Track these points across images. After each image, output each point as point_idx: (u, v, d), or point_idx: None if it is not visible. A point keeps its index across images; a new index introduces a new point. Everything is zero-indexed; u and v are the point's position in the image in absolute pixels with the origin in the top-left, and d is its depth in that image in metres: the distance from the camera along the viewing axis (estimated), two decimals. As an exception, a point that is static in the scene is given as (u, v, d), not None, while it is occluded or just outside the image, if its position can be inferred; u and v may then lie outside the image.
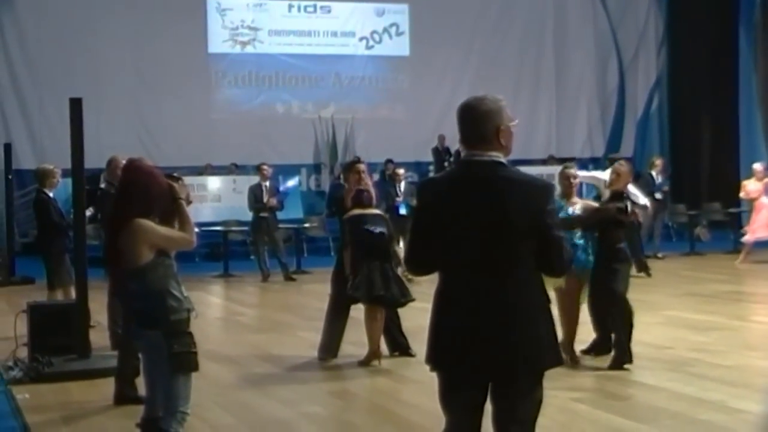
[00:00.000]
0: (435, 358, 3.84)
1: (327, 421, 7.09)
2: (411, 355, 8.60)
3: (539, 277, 3.80)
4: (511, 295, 3.71)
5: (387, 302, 8.49)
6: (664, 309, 11.21)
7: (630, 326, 8.11)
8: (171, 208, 5.17)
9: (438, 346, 3.83)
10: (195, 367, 5.06)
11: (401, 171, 17.17)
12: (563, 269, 3.86)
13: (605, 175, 15.44)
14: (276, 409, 7.30)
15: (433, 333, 3.85)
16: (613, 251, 8.16)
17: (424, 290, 5.54)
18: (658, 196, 17.62)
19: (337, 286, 8.81)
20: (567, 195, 8.61)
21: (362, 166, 9.09)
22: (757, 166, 16.49)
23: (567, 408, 6.99)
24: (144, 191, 5.01)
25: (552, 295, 5.10)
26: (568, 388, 7.48)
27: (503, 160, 3.81)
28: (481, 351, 3.70)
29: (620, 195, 8.51)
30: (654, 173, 17.82)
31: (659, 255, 17.38)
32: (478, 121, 3.82)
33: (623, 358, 8.02)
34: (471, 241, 3.74)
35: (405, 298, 8.45)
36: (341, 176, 19.57)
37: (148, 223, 4.97)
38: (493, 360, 3.70)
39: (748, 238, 16.20)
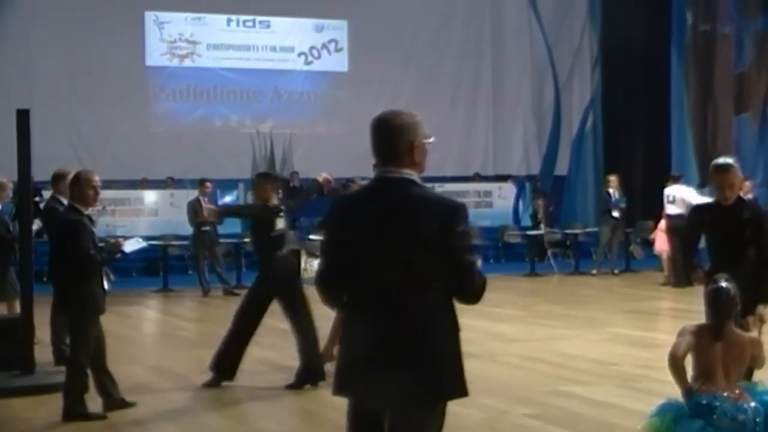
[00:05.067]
0: (335, 383, 3.73)
1: (282, 438, 7.05)
2: None
3: (449, 303, 3.64)
4: (415, 321, 3.55)
5: None
6: (607, 326, 11.39)
7: None
8: None
9: (339, 371, 3.73)
10: None
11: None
12: (474, 295, 3.66)
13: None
14: (229, 426, 7.23)
15: (338, 356, 3.77)
16: None
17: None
18: (615, 213, 17.96)
19: None
20: None
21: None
22: None
23: (520, 424, 7.05)
24: None
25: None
26: (521, 405, 7.55)
27: (416, 178, 3.69)
28: (378, 377, 3.57)
29: None
30: (610, 190, 18.14)
31: (615, 271, 17.75)
32: (392, 136, 3.69)
33: None
34: (378, 262, 3.61)
35: None
36: (279, 191, 19.62)
37: None
38: (390, 387, 3.56)
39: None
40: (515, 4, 23.68)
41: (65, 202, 8.02)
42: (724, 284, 4.90)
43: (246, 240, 18.22)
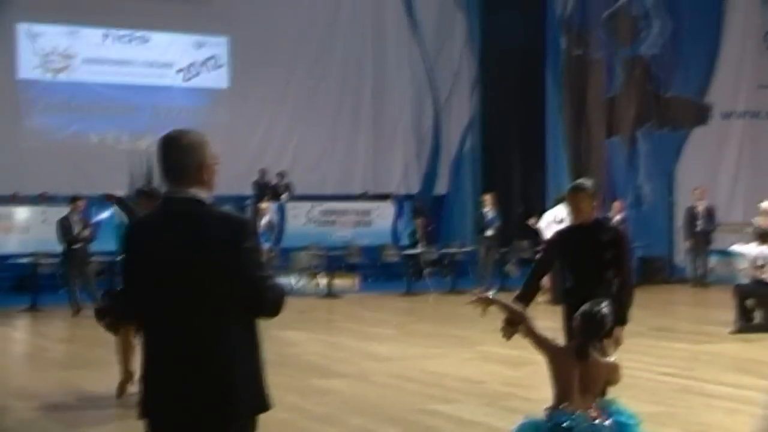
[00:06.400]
0: (140, 407, 3.67)
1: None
2: None
3: (246, 320, 3.62)
4: (206, 343, 3.54)
5: None
6: (478, 344, 11.50)
7: None
8: None
9: (143, 395, 3.68)
10: None
11: (264, 205, 17.15)
12: (270, 310, 3.63)
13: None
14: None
15: (141, 380, 3.72)
16: None
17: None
18: (489, 232, 18.25)
19: None
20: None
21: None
22: None
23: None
24: None
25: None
26: (388, 424, 7.58)
27: (204, 197, 3.65)
28: (178, 400, 3.55)
29: None
30: (485, 210, 18.42)
31: (490, 291, 17.87)
32: (180, 155, 3.65)
33: None
34: (168, 285, 3.56)
35: None
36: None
37: None
38: (189, 409, 3.55)
39: None
40: (396, 25, 23.93)
41: None
42: (603, 308, 5.00)
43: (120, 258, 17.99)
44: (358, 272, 19.63)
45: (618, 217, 17.78)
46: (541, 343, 5.07)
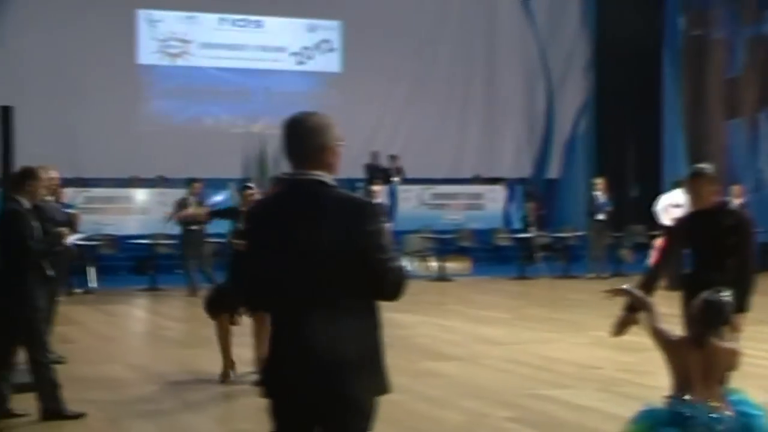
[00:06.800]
0: (263, 386, 3.69)
1: (259, 439, 7.00)
2: None
3: (367, 302, 3.62)
4: (326, 324, 3.53)
5: None
6: (592, 329, 11.33)
7: None
8: None
9: (267, 375, 3.71)
10: None
11: (377, 188, 17.23)
12: (391, 294, 3.61)
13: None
14: (208, 427, 7.19)
15: (267, 360, 3.74)
16: None
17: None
18: (600, 216, 17.97)
19: None
20: None
21: None
22: None
23: (499, 427, 7.02)
24: None
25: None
26: (501, 408, 7.52)
27: (327, 179, 3.63)
28: (302, 380, 3.56)
29: None
30: (597, 193, 18.13)
31: (603, 275, 17.60)
32: (304, 138, 3.66)
33: None
34: (289, 265, 3.57)
35: None
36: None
37: None
38: (314, 390, 3.55)
39: None
40: (509, 6, 23.68)
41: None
42: (723, 296, 4.85)
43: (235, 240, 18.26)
44: (469, 256, 19.55)
45: (738, 202, 17.27)
46: (659, 335, 4.93)
